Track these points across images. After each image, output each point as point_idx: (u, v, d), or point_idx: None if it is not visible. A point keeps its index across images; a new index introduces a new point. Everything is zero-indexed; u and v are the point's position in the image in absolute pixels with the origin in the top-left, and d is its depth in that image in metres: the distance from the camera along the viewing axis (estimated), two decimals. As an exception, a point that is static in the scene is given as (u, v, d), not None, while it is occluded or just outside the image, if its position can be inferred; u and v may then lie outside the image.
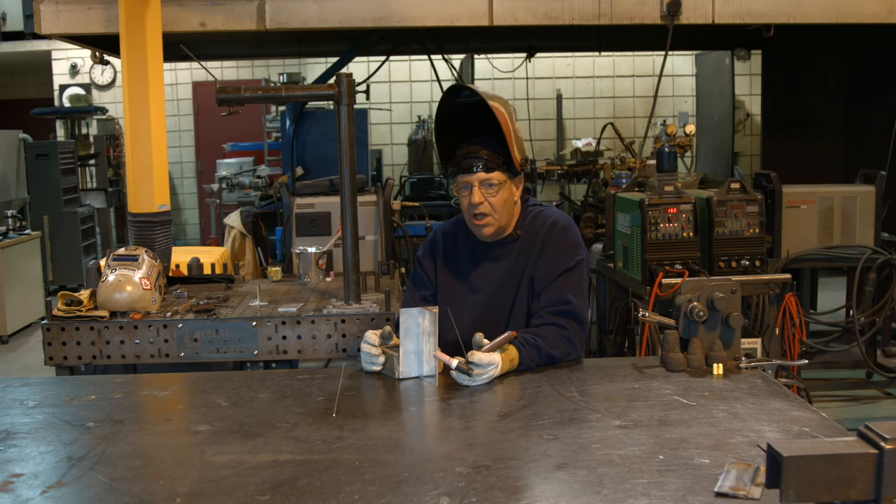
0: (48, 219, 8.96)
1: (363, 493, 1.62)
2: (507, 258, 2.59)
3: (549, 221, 2.59)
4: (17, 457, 1.86)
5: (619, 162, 6.81)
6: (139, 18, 3.95)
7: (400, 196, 8.74)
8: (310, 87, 5.96)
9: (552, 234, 2.56)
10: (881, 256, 4.97)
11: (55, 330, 3.27)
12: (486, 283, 2.60)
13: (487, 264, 2.62)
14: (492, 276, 2.60)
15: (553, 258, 2.54)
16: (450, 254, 2.69)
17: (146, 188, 4.00)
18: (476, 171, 2.50)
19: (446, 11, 5.52)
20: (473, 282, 2.62)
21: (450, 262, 2.69)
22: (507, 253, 2.60)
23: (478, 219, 2.53)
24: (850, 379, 5.42)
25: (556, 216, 2.62)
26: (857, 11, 5.61)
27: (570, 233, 2.59)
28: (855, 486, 1.26)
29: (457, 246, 2.69)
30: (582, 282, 2.56)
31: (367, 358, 2.41)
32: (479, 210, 2.51)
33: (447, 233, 2.75)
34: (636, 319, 4.10)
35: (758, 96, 9.85)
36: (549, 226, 2.58)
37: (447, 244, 2.71)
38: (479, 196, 2.50)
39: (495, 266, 2.60)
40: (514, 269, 2.58)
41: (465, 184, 2.53)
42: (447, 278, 2.68)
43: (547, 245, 2.56)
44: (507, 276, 2.58)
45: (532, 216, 2.63)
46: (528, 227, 2.61)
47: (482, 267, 2.62)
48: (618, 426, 1.95)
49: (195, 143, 11.59)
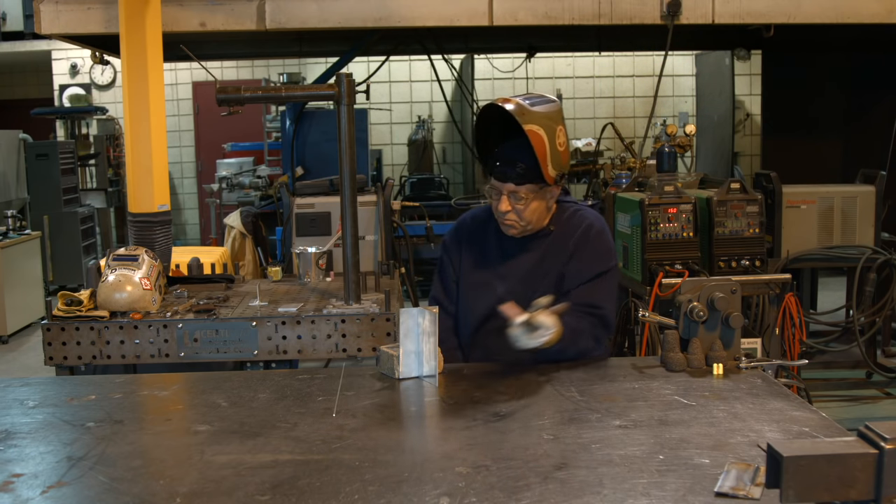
0: (48, 219, 8.95)
1: (363, 493, 1.62)
2: (537, 251, 2.57)
3: (585, 223, 2.57)
4: (17, 457, 1.86)
5: (619, 162, 6.81)
6: (139, 18, 3.95)
7: (400, 196, 8.75)
8: (310, 87, 5.96)
9: (588, 236, 2.54)
10: (881, 256, 4.97)
11: (55, 330, 3.27)
12: (511, 273, 2.57)
13: (516, 254, 2.59)
14: (519, 266, 2.57)
15: (587, 260, 2.52)
16: (478, 238, 2.66)
17: (146, 188, 4.00)
18: (506, 181, 2.47)
19: (446, 11, 5.52)
20: (499, 269, 2.59)
21: (477, 246, 2.65)
22: (538, 246, 2.57)
23: (504, 220, 2.53)
24: (850, 379, 5.42)
25: (593, 219, 2.60)
26: (857, 11, 5.61)
27: (605, 237, 2.58)
28: (855, 486, 1.26)
29: (486, 232, 2.65)
30: (613, 287, 2.56)
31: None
32: (506, 218, 2.51)
33: (477, 217, 2.71)
34: (636, 319, 4.10)
35: (758, 96, 9.85)
36: (585, 227, 2.55)
37: (475, 228, 2.68)
38: (507, 205, 2.49)
39: (524, 257, 2.58)
40: (543, 262, 2.55)
41: (495, 189, 2.50)
42: (472, 262, 2.64)
43: (582, 246, 2.53)
44: (534, 268, 2.56)
45: (568, 214, 2.60)
46: (564, 224, 2.58)
47: (510, 255, 2.59)
48: (618, 426, 1.95)
49: (195, 143, 11.59)
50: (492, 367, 2.44)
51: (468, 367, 2.48)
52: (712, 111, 9.89)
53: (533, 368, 2.40)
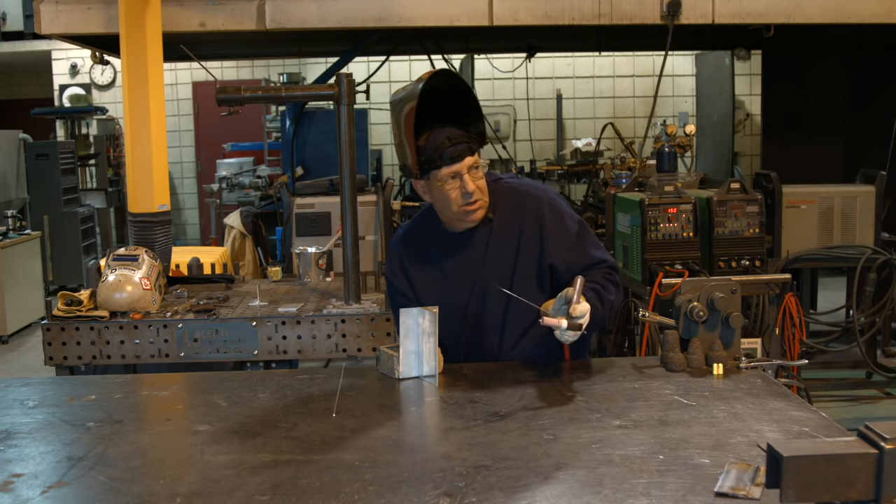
0: (48, 219, 8.95)
1: (363, 493, 1.62)
2: (483, 243, 2.42)
3: (530, 202, 2.43)
4: (17, 457, 1.86)
5: (619, 162, 6.80)
6: (139, 18, 3.95)
7: (400, 196, 8.74)
8: (310, 87, 5.96)
9: (544, 215, 2.41)
10: (881, 256, 4.97)
11: (55, 330, 3.27)
12: (467, 275, 2.44)
13: (463, 255, 2.44)
14: (472, 265, 2.44)
15: (559, 236, 2.41)
16: (418, 257, 2.49)
17: (146, 188, 4.01)
18: (464, 157, 2.29)
19: (446, 11, 5.52)
20: (452, 276, 2.46)
21: (421, 264, 2.49)
22: (482, 237, 2.43)
23: (471, 206, 2.35)
24: (850, 379, 5.42)
25: (534, 192, 2.46)
26: (857, 11, 5.61)
27: (557, 201, 2.47)
28: (855, 486, 1.26)
29: (423, 246, 2.51)
30: (593, 235, 2.47)
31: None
32: (473, 199, 2.32)
33: (408, 237, 2.54)
34: (636, 319, 4.10)
35: (758, 96, 9.84)
36: (535, 209, 2.41)
37: (411, 249, 2.51)
38: (472, 183, 2.31)
39: (472, 254, 2.44)
40: (497, 254, 2.42)
41: (452, 174, 2.29)
42: (424, 281, 2.49)
43: (545, 228, 2.40)
44: (489, 262, 2.42)
45: (503, 194, 2.44)
46: (504, 208, 2.43)
47: (458, 259, 2.45)
48: (618, 426, 1.95)
49: (195, 143, 11.59)
50: (492, 367, 2.44)
51: (468, 367, 2.47)
52: (712, 111, 9.89)
53: (533, 368, 2.40)
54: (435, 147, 2.29)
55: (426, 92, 2.26)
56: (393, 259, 2.56)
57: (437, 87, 2.30)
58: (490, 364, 2.47)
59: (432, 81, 2.28)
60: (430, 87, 2.28)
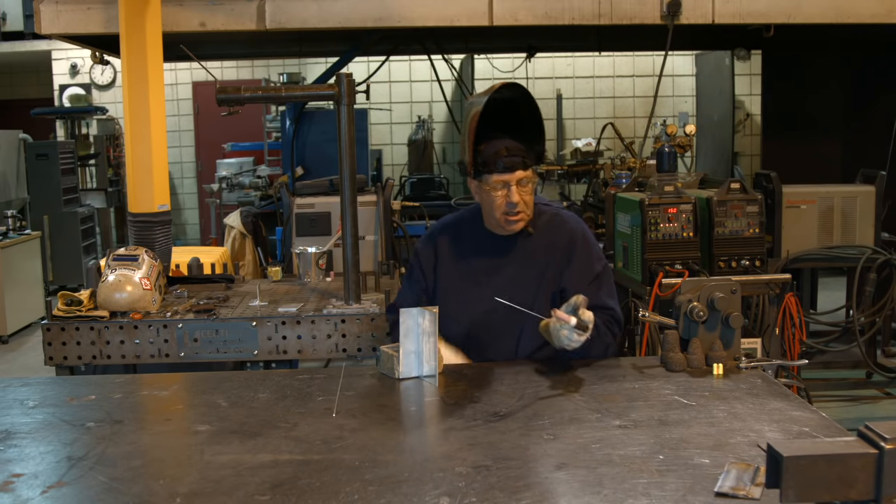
0: (48, 219, 8.95)
1: (363, 493, 1.62)
2: (517, 253, 2.54)
3: (567, 229, 2.56)
4: (17, 457, 1.86)
5: (619, 162, 6.80)
6: (139, 18, 3.95)
7: (400, 196, 8.74)
8: (310, 87, 5.96)
9: (576, 245, 2.54)
10: (881, 256, 4.97)
11: (55, 330, 3.27)
12: (492, 278, 2.54)
13: (496, 259, 2.56)
14: (500, 271, 2.55)
15: (583, 266, 2.52)
16: (453, 246, 2.62)
17: (146, 188, 4.01)
18: (516, 169, 2.44)
19: (446, 11, 5.52)
20: (479, 276, 2.56)
21: (453, 254, 2.62)
22: (518, 248, 2.55)
23: (513, 216, 2.48)
24: (850, 379, 5.42)
25: (573, 223, 2.60)
26: (857, 11, 5.61)
27: (591, 238, 2.59)
28: (855, 486, 1.26)
29: (461, 239, 2.62)
30: (612, 284, 2.57)
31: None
32: (516, 210, 2.47)
33: (448, 226, 2.68)
34: (636, 319, 4.09)
35: (758, 96, 9.84)
36: (570, 236, 2.55)
37: (450, 237, 2.64)
38: (518, 195, 2.45)
39: (504, 261, 2.55)
40: (527, 268, 2.53)
41: (501, 183, 2.45)
42: (450, 271, 2.60)
43: (574, 255, 2.52)
44: (517, 272, 2.53)
45: (547, 217, 2.59)
46: (543, 228, 2.56)
47: (490, 261, 2.56)
48: (618, 426, 1.95)
49: (195, 143, 11.59)
50: (492, 366, 2.44)
51: (468, 367, 2.48)
52: (712, 111, 9.89)
53: (533, 368, 2.41)
54: (492, 154, 2.44)
55: (500, 101, 2.45)
56: (430, 238, 2.68)
57: (510, 98, 2.48)
58: (490, 364, 2.47)
59: (505, 92, 2.46)
60: (503, 98, 2.46)
